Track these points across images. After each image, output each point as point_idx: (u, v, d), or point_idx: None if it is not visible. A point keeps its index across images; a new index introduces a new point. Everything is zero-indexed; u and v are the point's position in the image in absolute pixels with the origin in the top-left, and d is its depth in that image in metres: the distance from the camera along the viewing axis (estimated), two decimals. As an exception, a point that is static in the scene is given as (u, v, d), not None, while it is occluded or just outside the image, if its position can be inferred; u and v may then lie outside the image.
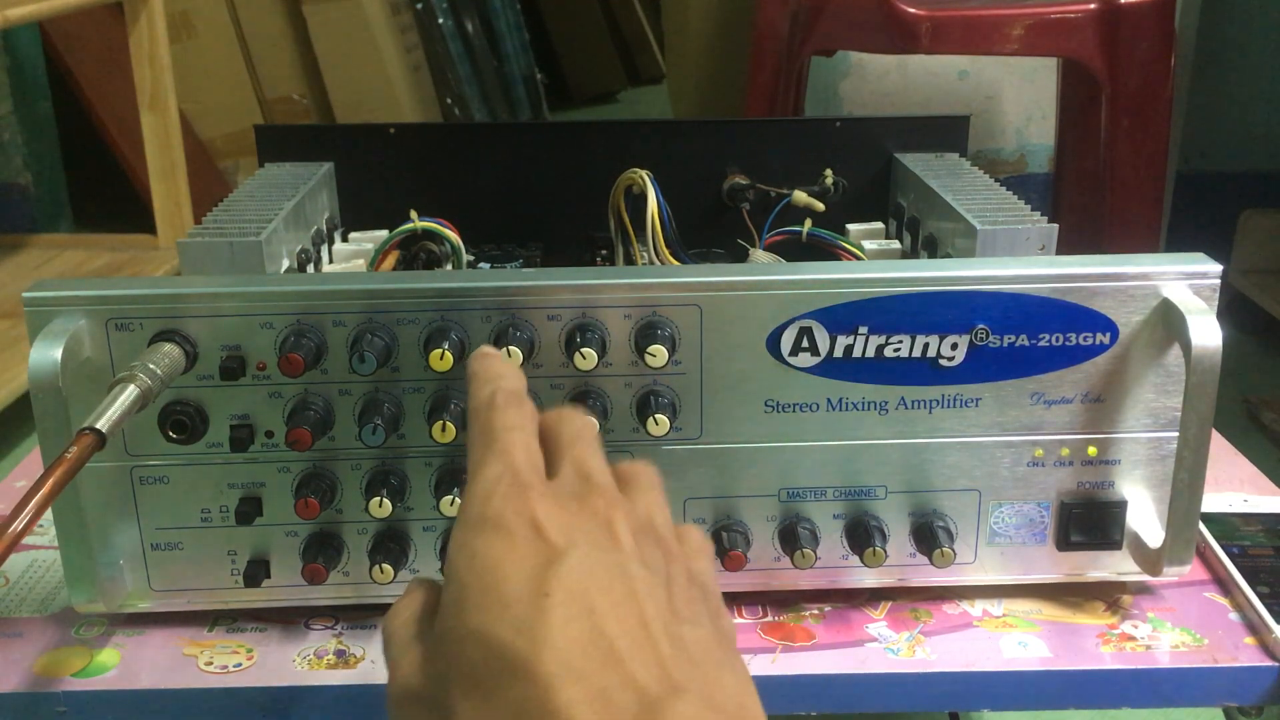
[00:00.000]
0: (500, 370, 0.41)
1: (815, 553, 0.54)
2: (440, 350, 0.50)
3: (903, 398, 0.53)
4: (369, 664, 0.53)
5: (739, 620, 0.56)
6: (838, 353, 0.52)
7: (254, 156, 0.77)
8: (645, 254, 0.68)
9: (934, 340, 0.52)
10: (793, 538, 0.54)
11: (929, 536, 0.55)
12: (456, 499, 0.52)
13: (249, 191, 0.68)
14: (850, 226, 0.75)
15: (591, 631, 0.32)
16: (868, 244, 0.72)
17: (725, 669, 0.34)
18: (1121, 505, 0.55)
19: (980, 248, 0.59)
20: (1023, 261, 0.55)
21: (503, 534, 0.34)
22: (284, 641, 0.55)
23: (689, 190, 0.75)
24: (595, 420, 0.43)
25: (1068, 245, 0.59)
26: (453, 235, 0.70)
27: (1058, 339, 0.52)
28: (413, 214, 0.71)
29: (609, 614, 0.32)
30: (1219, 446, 0.70)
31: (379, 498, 0.52)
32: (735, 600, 0.57)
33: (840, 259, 0.70)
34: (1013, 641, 0.55)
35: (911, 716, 0.92)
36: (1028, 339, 0.52)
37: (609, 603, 0.33)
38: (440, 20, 2.66)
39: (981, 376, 0.53)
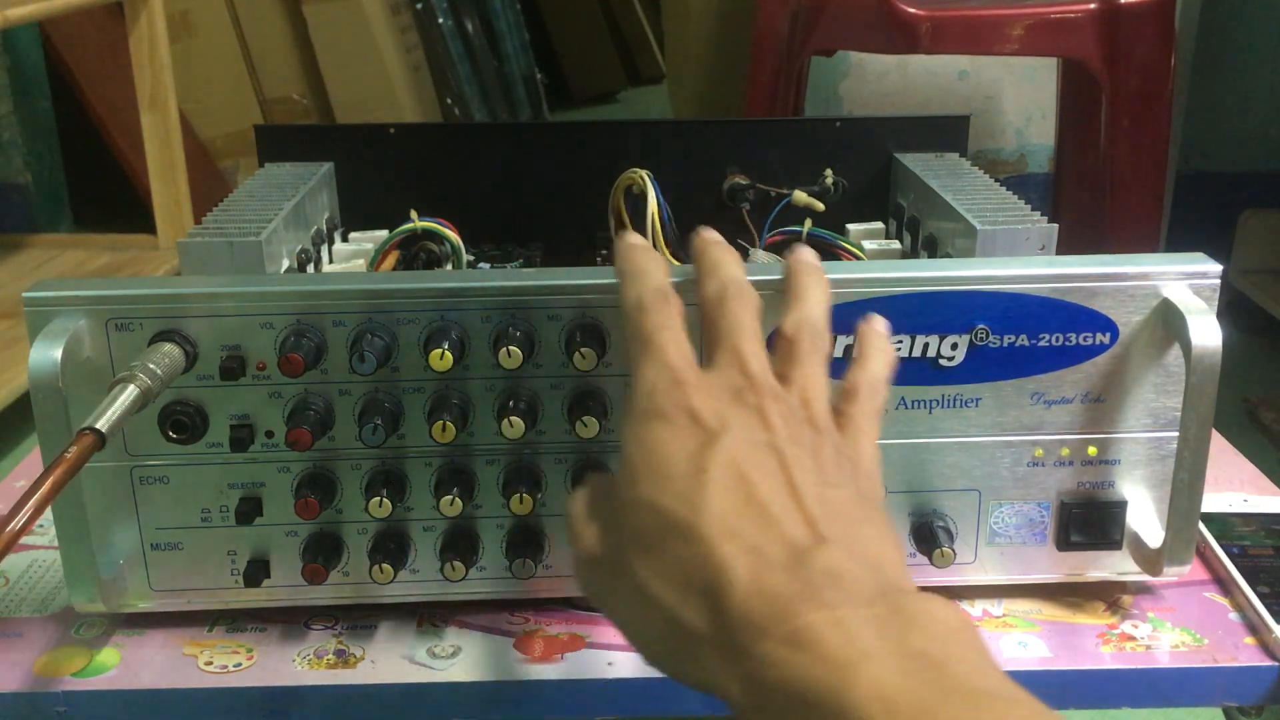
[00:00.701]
0: (644, 266, 0.45)
1: (815, 553, 0.54)
2: (440, 350, 0.50)
3: (903, 398, 0.53)
4: (369, 664, 0.53)
5: (739, 620, 0.56)
6: (838, 353, 0.52)
7: (254, 156, 0.77)
8: (645, 254, 0.68)
9: (934, 340, 0.52)
10: (793, 538, 0.54)
11: (929, 536, 0.55)
12: (456, 499, 0.52)
13: (249, 191, 0.68)
14: (850, 226, 0.75)
15: (744, 498, 0.37)
16: (868, 244, 0.72)
17: (866, 524, 0.38)
18: (1121, 505, 0.55)
19: (980, 248, 0.59)
20: (1023, 261, 0.54)
21: (664, 422, 0.39)
22: (284, 641, 0.55)
23: (689, 190, 0.75)
24: (755, 297, 0.44)
25: (1068, 245, 0.59)
26: (453, 235, 0.70)
27: (1058, 339, 0.52)
28: (413, 214, 0.71)
29: (760, 483, 0.37)
30: (1219, 446, 0.70)
31: (379, 498, 0.52)
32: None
33: (840, 259, 0.70)
34: (1013, 641, 0.55)
35: (911, 716, 0.92)
36: (1028, 339, 0.52)
37: (759, 474, 0.38)
38: (440, 20, 2.66)
39: (981, 376, 0.53)
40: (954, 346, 0.52)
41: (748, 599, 0.35)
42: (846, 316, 0.51)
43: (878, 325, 0.48)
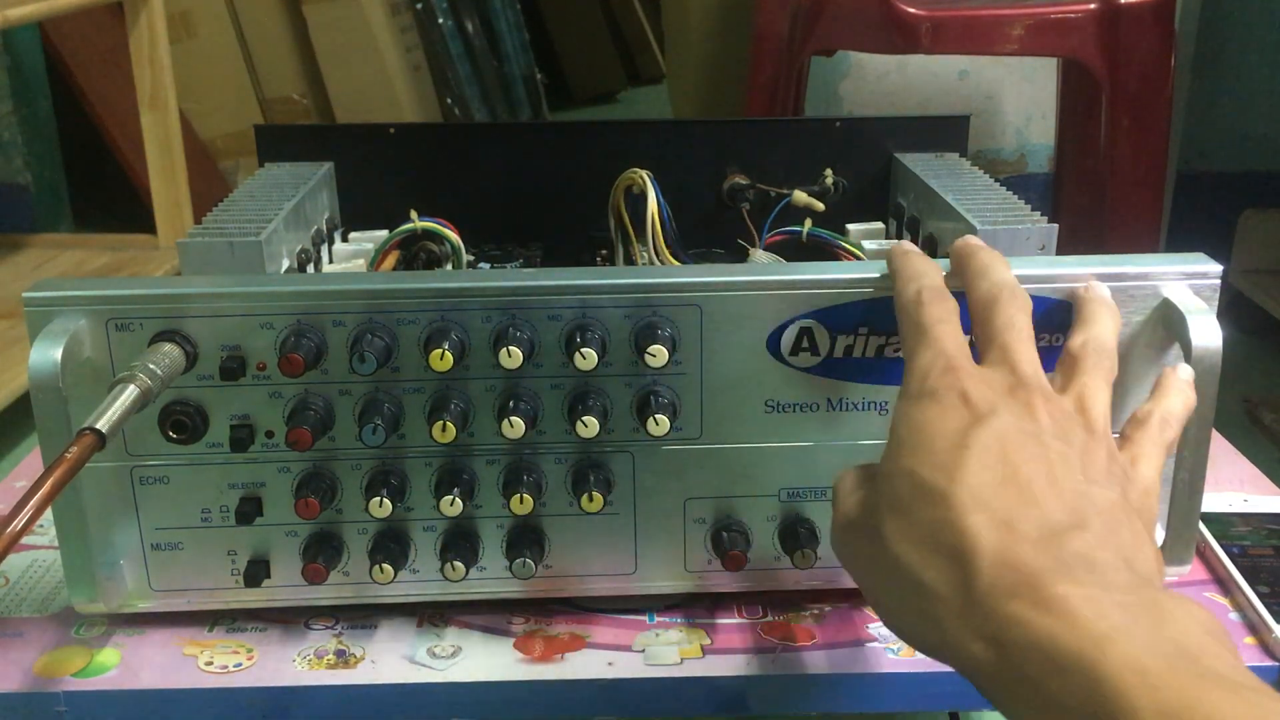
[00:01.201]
0: (922, 268, 0.47)
1: (815, 553, 0.54)
2: (440, 350, 0.50)
3: (903, 398, 0.53)
4: (369, 664, 0.53)
5: (739, 620, 0.56)
6: (838, 353, 0.52)
7: (254, 156, 0.77)
8: (645, 254, 0.68)
9: (934, 340, 0.52)
10: (793, 538, 0.54)
11: (929, 536, 0.55)
12: (456, 499, 0.52)
13: (249, 191, 0.68)
14: (850, 226, 0.75)
15: (1003, 477, 0.37)
16: (868, 244, 0.72)
17: (1126, 526, 0.38)
18: (1121, 505, 0.55)
19: (980, 248, 0.59)
20: (1023, 261, 0.54)
21: (934, 401, 0.40)
22: (284, 641, 0.55)
23: (689, 190, 0.75)
24: (1027, 300, 0.45)
25: (1068, 245, 0.59)
26: (453, 235, 0.70)
27: (1057, 339, 0.52)
28: (413, 214, 0.71)
29: (1021, 466, 0.38)
30: (1219, 446, 0.69)
31: (379, 498, 0.52)
32: (735, 600, 0.57)
33: (840, 259, 0.70)
34: (1013, 641, 0.54)
35: (911, 716, 0.92)
36: (1028, 339, 0.52)
37: (1021, 459, 0.38)
38: (440, 20, 2.66)
39: (981, 376, 0.53)
40: (954, 346, 0.52)
41: (995, 567, 0.35)
42: (847, 316, 0.52)
43: (1184, 372, 0.48)
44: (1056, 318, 0.52)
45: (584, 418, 0.51)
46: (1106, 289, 0.49)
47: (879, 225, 0.76)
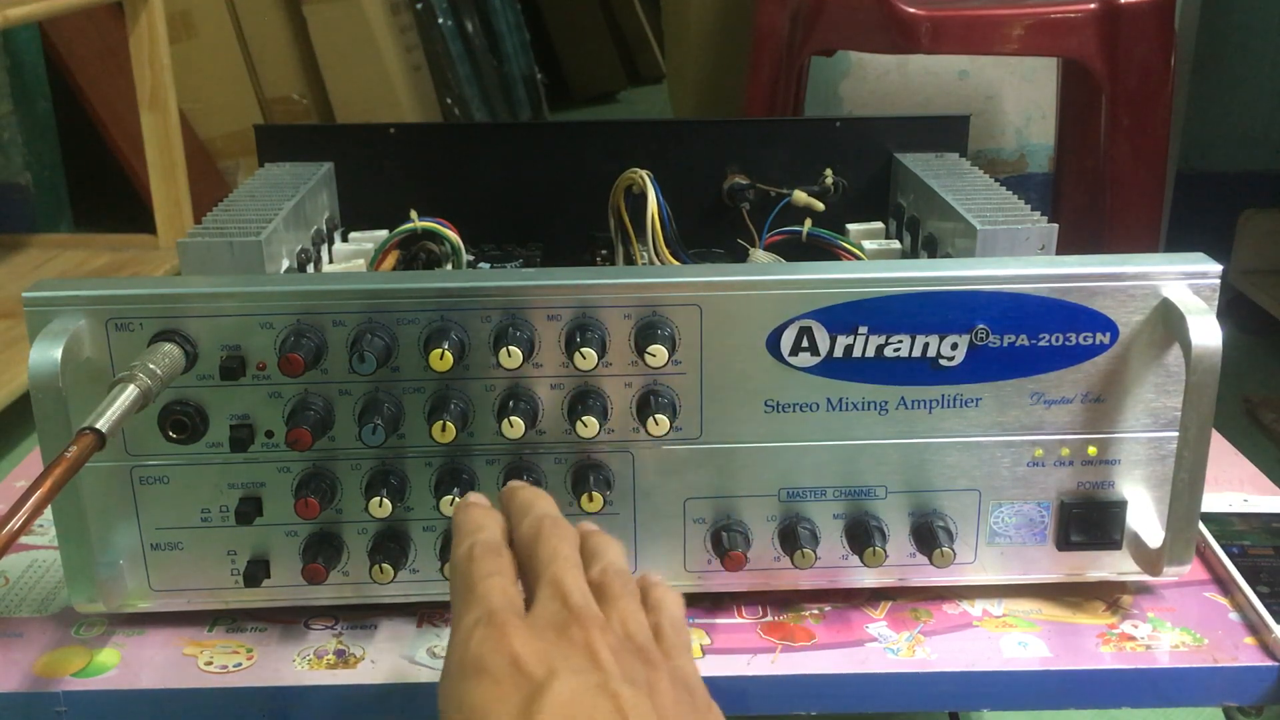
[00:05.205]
0: (479, 522, 0.43)
1: (815, 553, 0.54)
2: (440, 350, 0.50)
3: (903, 398, 0.53)
4: (369, 664, 0.53)
5: (739, 620, 0.56)
6: (838, 353, 0.52)
7: (254, 156, 0.77)
8: (645, 254, 0.68)
9: (934, 340, 0.52)
10: (793, 538, 0.54)
11: (929, 536, 0.55)
12: (456, 499, 0.52)
13: (249, 191, 0.68)
14: (850, 226, 0.75)
15: None
16: (868, 244, 0.72)
17: None
18: (1121, 505, 0.55)
19: (980, 248, 0.59)
20: (1023, 261, 0.55)
21: (485, 676, 0.35)
22: (284, 641, 0.55)
23: (689, 190, 0.75)
24: (571, 529, 0.43)
25: (1068, 245, 0.59)
26: (453, 235, 0.70)
27: (1058, 339, 0.52)
28: (413, 214, 0.71)
29: None
30: (1219, 446, 0.70)
31: (379, 498, 0.52)
32: (735, 600, 0.57)
33: (840, 259, 0.70)
34: (1013, 641, 0.55)
35: (911, 716, 0.92)
36: (1028, 339, 0.52)
37: None
38: (440, 20, 2.66)
39: (981, 376, 0.53)
40: (954, 346, 0.52)
41: None
42: (847, 316, 0.52)
43: (652, 576, 0.45)
44: (1057, 318, 0.52)
45: (584, 418, 0.51)
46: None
47: (879, 225, 0.76)
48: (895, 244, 0.73)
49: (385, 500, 0.52)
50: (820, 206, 0.75)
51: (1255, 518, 0.63)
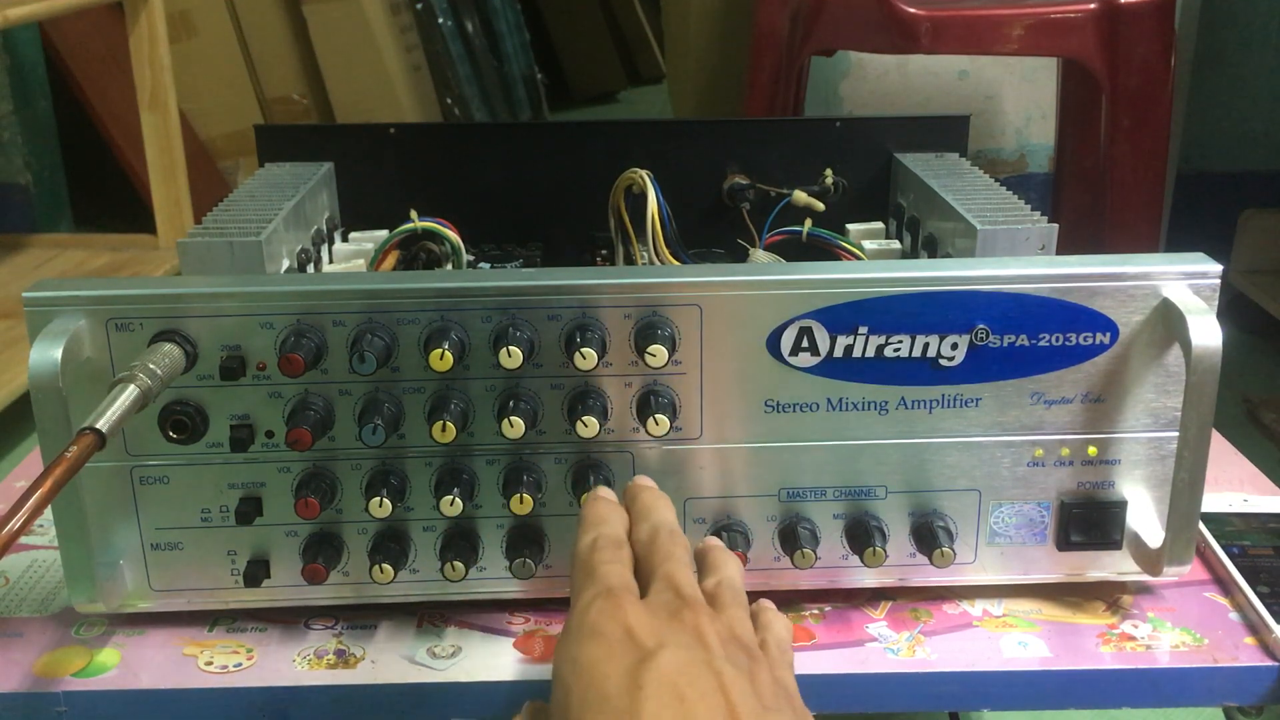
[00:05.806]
0: (604, 515, 0.45)
1: (815, 553, 0.54)
2: (440, 350, 0.50)
3: (903, 398, 0.53)
4: (369, 664, 0.53)
5: (739, 620, 0.56)
6: (838, 353, 0.52)
7: (254, 156, 0.77)
8: (645, 254, 0.68)
9: (934, 340, 0.52)
10: (793, 538, 0.54)
11: (929, 536, 0.55)
12: (456, 499, 0.52)
13: (249, 191, 0.68)
14: (850, 226, 0.75)
15: (682, 716, 0.35)
16: (868, 244, 0.72)
17: None
18: (1121, 505, 0.55)
19: (980, 248, 0.59)
20: (1023, 261, 0.54)
21: (600, 639, 0.38)
22: (284, 641, 0.55)
23: (689, 190, 0.75)
24: (686, 540, 0.45)
25: (1068, 245, 0.59)
26: (453, 235, 0.70)
27: (1058, 339, 0.52)
28: (413, 214, 0.71)
29: (698, 702, 0.36)
30: (1219, 446, 0.70)
31: (379, 498, 0.52)
32: (735, 600, 0.57)
33: (840, 259, 0.70)
34: (1013, 641, 0.55)
35: (911, 716, 0.92)
36: (1028, 339, 0.52)
37: (697, 693, 0.36)
38: (440, 20, 2.66)
39: (981, 376, 0.53)
40: (954, 346, 0.52)
41: None
42: (847, 316, 0.52)
43: (765, 601, 0.47)
44: (1057, 318, 0.52)
45: (584, 418, 0.51)
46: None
47: (879, 225, 0.76)
48: (895, 244, 0.73)
49: (385, 500, 0.52)
50: (820, 206, 0.75)
51: (1255, 518, 0.63)
